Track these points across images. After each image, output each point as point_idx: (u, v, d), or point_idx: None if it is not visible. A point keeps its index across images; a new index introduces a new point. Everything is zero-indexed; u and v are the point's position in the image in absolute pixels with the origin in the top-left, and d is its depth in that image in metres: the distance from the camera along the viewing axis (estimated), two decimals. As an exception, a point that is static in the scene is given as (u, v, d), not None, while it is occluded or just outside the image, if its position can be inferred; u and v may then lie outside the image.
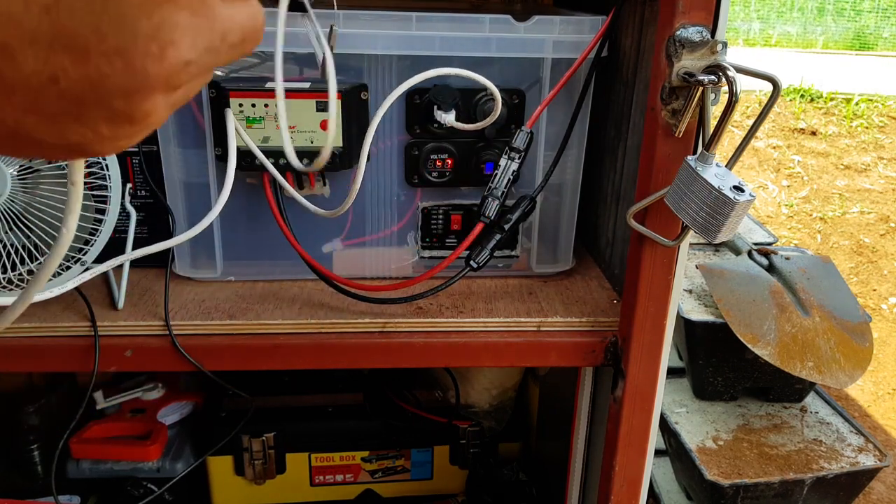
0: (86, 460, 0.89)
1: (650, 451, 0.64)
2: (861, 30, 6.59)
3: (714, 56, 0.49)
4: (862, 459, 0.99)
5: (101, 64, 0.22)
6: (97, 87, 0.22)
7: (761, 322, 0.94)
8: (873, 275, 2.61)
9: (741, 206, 0.46)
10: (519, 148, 0.63)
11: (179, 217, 0.66)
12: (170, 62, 0.23)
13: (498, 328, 0.63)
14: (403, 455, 0.98)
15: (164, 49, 0.22)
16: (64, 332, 0.60)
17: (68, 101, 0.22)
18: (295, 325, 0.61)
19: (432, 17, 0.60)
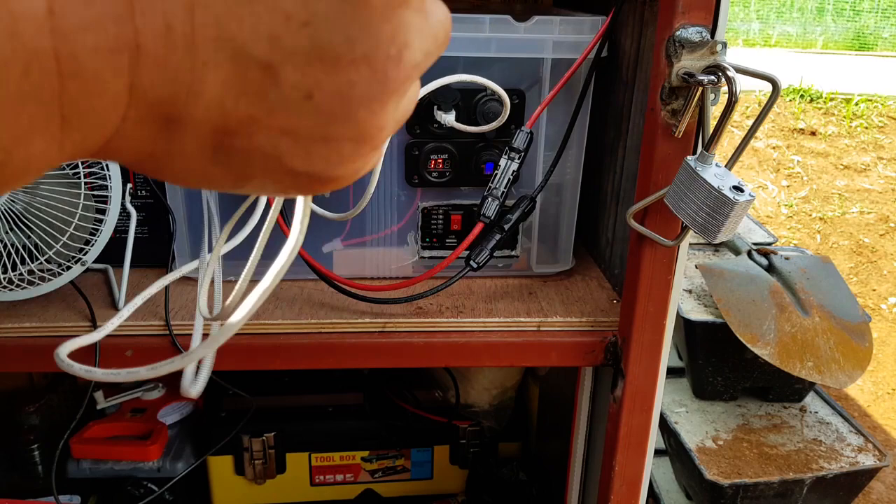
0: (86, 460, 0.89)
1: (650, 450, 0.64)
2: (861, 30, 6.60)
3: (714, 56, 0.49)
4: (861, 459, 0.99)
5: (350, 72, 0.22)
6: (346, 97, 0.22)
7: (761, 322, 0.94)
8: (873, 275, 2.61)
9: (741, 206, 0.46)
10: (519, 148, 0.63)
11: (180, 217, 0.66)
12: (405, 65, 0.23)
13: (498, 328, 0.63)
14: (403, 455, 0.98)
15: (401, 52, 0.22)
16: (64, 332, 0.60)
17: (320, 118, 0.22)
18: (295, 325, 0.61)
19: (432, 18, 0.60)
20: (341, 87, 0.22)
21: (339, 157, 0.24)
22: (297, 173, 0.24)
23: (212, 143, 0.22)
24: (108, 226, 0.62)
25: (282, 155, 0.23)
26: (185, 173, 0.24)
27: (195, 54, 0.20)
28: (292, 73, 0.21)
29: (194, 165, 0.23)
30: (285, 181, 0.24)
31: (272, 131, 0.22)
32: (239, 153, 0.23)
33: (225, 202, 0.66)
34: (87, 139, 0.21)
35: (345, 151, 0.24)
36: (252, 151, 0.23)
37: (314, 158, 0.23)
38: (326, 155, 0.23)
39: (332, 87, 0.22)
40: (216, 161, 0.23)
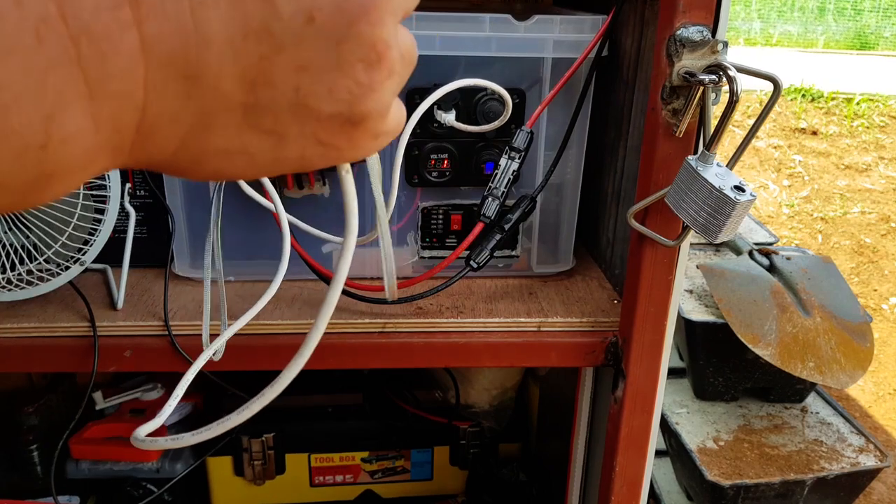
0: (85, 461, 0.89)
1: (651, 451, 0.64)
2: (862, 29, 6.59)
3: (715, 56, 0.48)
4: (863, 460, 0.99)
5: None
6: (344, 11, 0.23)
7: (762, 322, 0.94)
8: (874, 275, 2.60)
9: (742, 206, 0.46)
10: (519, 148, 0.62)
11: (179, 217, 0.66)
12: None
13: (498, 328, 0.62)
14: (403, 455, 0.98)
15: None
16: (63, 332, 0.60)
17: (327, 42, 0.23)
18: (295, 326, 0.61)
19: (432, 17, 0.59)
20: (338, 1, 0.22)
21: (358, 85, 0.24)
22: (329, 117, 0.24)
23: (239, 103, 0.23)
24: (106, 226, 0.62)
25: (306, 96, 0.23)
26: (226, 152, 0.24)
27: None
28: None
29: (231, 134, 0.23)
30: (320, 133, 0.24)
31: (288, 70, 0.23)
32: (266, 106, 0.23)
33: (226, 204, 0.66)
34: (120, 113, 0.21)
35: (362, 78, 0.24)
36: (277, 99, 0.23)
37: (337, 92, 0.24)
38: (346, 85, 0.24)
39: (330, 4, 0.22)
40: (248, 123, 0.23)
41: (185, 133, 0.23)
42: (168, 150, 0.23)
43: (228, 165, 0.25)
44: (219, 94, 0.22)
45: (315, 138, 0.25)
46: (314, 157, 0.25)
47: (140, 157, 0.23)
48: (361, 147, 0.26)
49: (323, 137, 0.25)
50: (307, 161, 0.26)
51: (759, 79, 0.46)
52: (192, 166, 0.24)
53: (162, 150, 0.23)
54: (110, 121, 0.20)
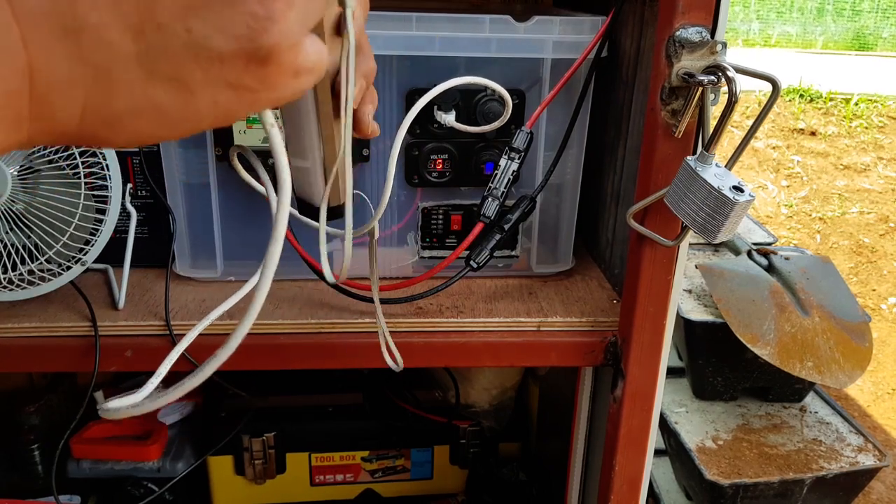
0: (86, 460, 0.89)
1: (650, 450, 0.64)
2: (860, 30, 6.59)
3: (714, 56, 0.49)
4: (861, 459, 0.99)
5: None
6: None
7: (761, 322, 0.94)
8: (873, 275, 2.61)
9: (741, 206, 0.46)
10: (519, 148, 0.63)
11: (179, 217, 0.66)
12: None
13: (498, 328, 0.63)
14: (403, 455, 0.98)
15: None
16: (64, 331, 0.60)
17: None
18: (295, 325, 0.61)
19: (432, 18, 0.60)
20: None
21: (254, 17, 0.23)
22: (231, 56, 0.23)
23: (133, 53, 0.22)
24: (108, 226, 0.62)
25: (200, 37, 0.22)
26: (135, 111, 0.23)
27: None
28: None
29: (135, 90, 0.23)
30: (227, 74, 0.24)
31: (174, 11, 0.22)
32: (160, 52, 0.22)
33: (226, 207, 0.66)
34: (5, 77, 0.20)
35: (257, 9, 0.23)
36: (170, 43, 0.22)
37: (232, 27, 0.23)
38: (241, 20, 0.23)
39: None
40: (148, 74, 0.23)
41: (86, 95, 0.22)
42: (74, 116, 0.23)
43: (142, 125, 0.24)
44: (108, 47, 0.22)
45: (224, 82, 0.24)
46: (229, 103, 0.24)
47: (46, 127, 0.22)
48: (279, 85, 0.25)
49: (231, 79, 0.24)
50: (222, 109, 0.25)
51: (757, 79, 0.46)
52: (106, 132, 0.24)
53: (68, 117, 0.23)
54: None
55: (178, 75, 0.23)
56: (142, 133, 0.24)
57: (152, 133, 0.24)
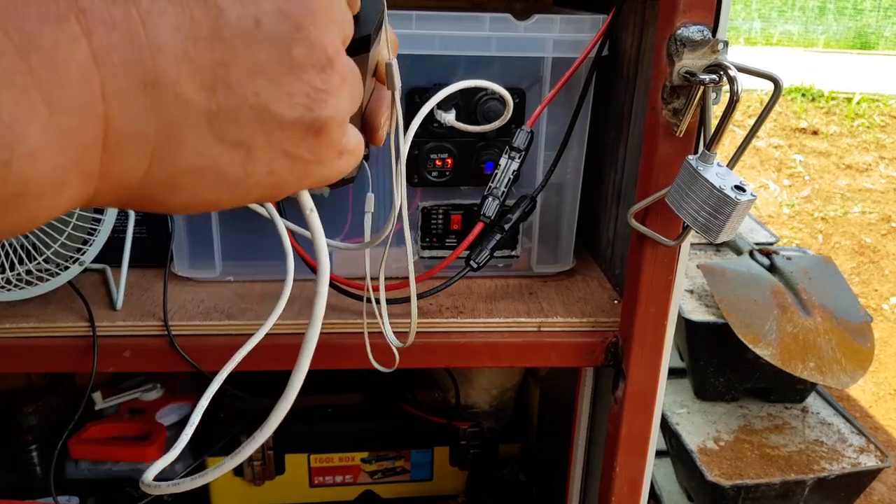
0: (85, 461, 0.88)
1: (651, 452, 0.64)
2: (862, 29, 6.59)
3: (715, 55, 0.48)
4: (863, 460, 0.99)
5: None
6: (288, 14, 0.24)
7: (762, 322, 0.94)
8: (874, 275, 2.60)
9: (742, 205, 0.46)
10: (519, 147, 0.62)
11: (178, 217, 0.66)
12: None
13: (498, 328, 0.62)
14: (403, 456, 0.98)
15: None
16: (62, 332, 0.60)
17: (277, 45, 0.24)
18: (294, 326, 0.61)
19: (432, 17, 0.59)
20: (280, 5, 0.23)
21: (314, 89, 0.25)
22: (291, 124, 0.25)
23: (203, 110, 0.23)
24: (106, 225, 0.62)
25: (266, 101, 0.24)
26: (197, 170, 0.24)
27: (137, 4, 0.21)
28: (233, 4, 0.22)
29: (200, 148, 0.23)
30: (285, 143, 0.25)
31: (245, 74, 0.23)
32: (229, 112, 0.23)
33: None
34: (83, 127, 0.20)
35: (316, 82, 0.25)
36: (239, 104, 0.23)
37: (294, 95, 0.24)
38: (303, 89, 0.24)
39: (273, 6, 0.23)
40: (215, 134, 0.23)
41: (153, 152, 0.23)
42: (139, 173, 0.23)
43: (201, 187, 0.25)
44: (181, 102, 0.22)
45: (282, 150, 0.25)
46: (282, 172, 0.26)
47: (112, 184, 0.23)
48: (326, 162, 0.27)
49: (288, 148, 0.25)
50: (275, 179, 0.26)
51: (759, 78, 0.46)
52: (166, 193, 0.24)
53: (133, 174, 0.23)
54: (74, 135, 0.20)
55: (243, 138, 0.24)
56: (198, 196, 0.25)
57: (208, 198, 0.25)
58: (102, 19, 0.20)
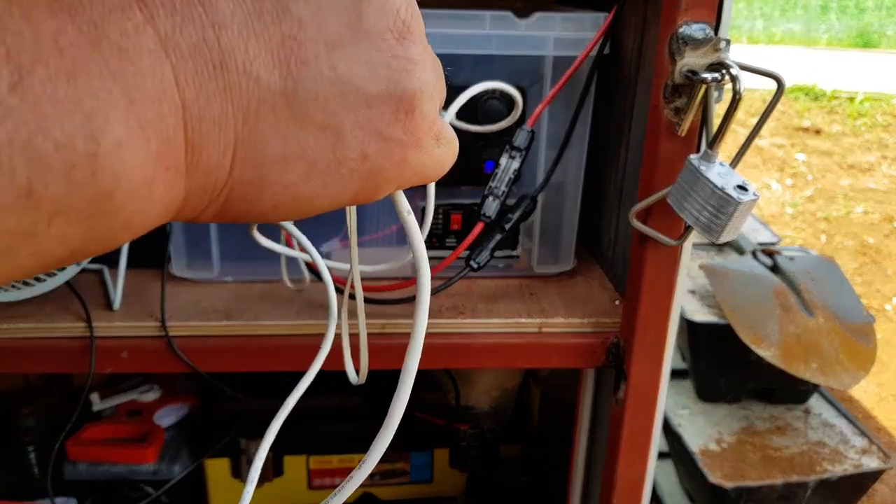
0: (82, 462, 0.88)
1: (652, 453, 0.63)
2: (865, 27, 6.58)
3: (717, 54, 0.48)
4: (866, 461, 0.98)
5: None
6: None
7: (765, 323, 0.93)
8: (877, 275, 2.60)
9: (745, 205, 0.45)
10: (520, 147, 0.62)
11: (176, 217, 0.65)
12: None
13: (499, 329, 0.62)
14: (403, 458, 0.97)
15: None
16: (60, 332, 0.60)
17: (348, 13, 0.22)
18: (293, 326, 0.61)
19: (431, 14, 0.59)
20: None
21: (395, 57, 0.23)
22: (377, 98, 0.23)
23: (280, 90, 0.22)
24: (102, 225, 0.61)
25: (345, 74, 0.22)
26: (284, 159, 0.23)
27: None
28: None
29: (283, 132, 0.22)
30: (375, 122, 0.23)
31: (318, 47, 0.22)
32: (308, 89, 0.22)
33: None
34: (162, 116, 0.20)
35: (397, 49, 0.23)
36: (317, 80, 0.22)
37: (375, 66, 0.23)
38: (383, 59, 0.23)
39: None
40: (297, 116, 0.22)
41: (235, 139, 0.22)
42: (224, 163, 0.22)
43: (292, 178, 0.23)
44: (253, 81, 0.21)
45: (373, 129, 0.23)
46: (377, 155, 0.24)
47: (200, 181, 0.22)
48: (424, 145, 0.25)
49: (381, 127, 0.23)
50: (372, 162, 0.24)
51: (761, 77, 0.46)
52: (254, 189, 0.23)
53: (218, 164, 0.22)
54: (154, 126, 0.19)
55: (327, 118, 0.22)
56: (291, 191, 0.23)
57: (302, 193, 0.23)
58: (162, 3, 0.20)
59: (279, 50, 0.21)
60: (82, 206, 0.18)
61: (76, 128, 0.18)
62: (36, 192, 0.17)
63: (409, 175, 0.26)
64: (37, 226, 0.18)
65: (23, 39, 0.17)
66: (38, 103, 0.17)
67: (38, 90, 0.17)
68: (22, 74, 0.17)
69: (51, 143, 0.17)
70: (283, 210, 0.24)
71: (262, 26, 0.21)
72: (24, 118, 0.17)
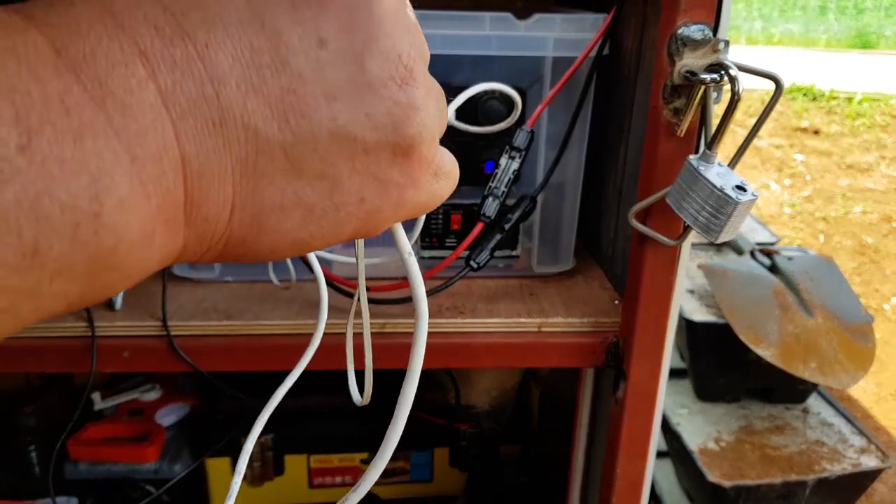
0: (83, 462, 0.88)
1: (652, 452, 0.64)
2: (863, 28, 6.59)
3: (716, 54, 0.48)
4: (864, 460, 0.98)
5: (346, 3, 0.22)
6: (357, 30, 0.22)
7: (764, 323, 0.94)
8: (876, 275, 2.60)
9: (743, 205, 0.46)
10: (520, 147, 0.62)
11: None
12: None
13: (498, 329, 0.62)
14: (403, 457, 0.98)
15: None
16: (61, 332, 0.60)
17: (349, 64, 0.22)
18: (294, 326, 0.61)
19: (432, 15, 0.59)
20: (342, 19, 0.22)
21: (397, 104, 0.23)
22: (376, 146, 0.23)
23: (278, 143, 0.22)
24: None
25: (345, 125, 0.22)
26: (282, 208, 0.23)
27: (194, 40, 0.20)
28: (292, 26, 0.21)
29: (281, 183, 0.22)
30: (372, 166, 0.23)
31: (318, 100, 0.22)
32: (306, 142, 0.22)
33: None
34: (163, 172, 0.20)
35: (399, 96, 0.23)
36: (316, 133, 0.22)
37: (376, 115, 0.23)
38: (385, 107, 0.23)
39: (336, 21, 0.22)
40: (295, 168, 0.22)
41: (234, 191, 0.22)
42: (223, 214, 0.22)
43: (288, 225, 0.23)
44: (252, 135, 0.21)
45: (370, 175, 0.24)
46: (375, 197, 0.24)
47: (199, 231, 0.22)
48: (421, 184, 0.26)
49: (377, 172, 0.24)
50: (369, 204, 0.24)
51: (760, 78, 0.46)
52: (253, 234, 0.23)
53: (217, 215, 0.22)
54: (155, 182, 0.20)
55: (325, 168, 0.23)
56: (288, 237, 0.24)
57: (299, 237, 0.24)
58: (164, 59, 0.20)
59: (278, 104, 0.21)
60: (84, 264, 0.19)
61: (82, 188, 0.18)
62: (41, 252, 0.17)
63: (407, 212, 0.26)
64: (40, 284, 0.18)
65: (31, 100, 0.17)
66: (46, 164, 0.17)
67: (46, 151, 0.17)
68: (31, 136, 0.17)
69: (57, 204, 0.17)
70: (281, 252, 0.24)
71: (261, 80, 0.21)
72: (31, 179, 0.17)
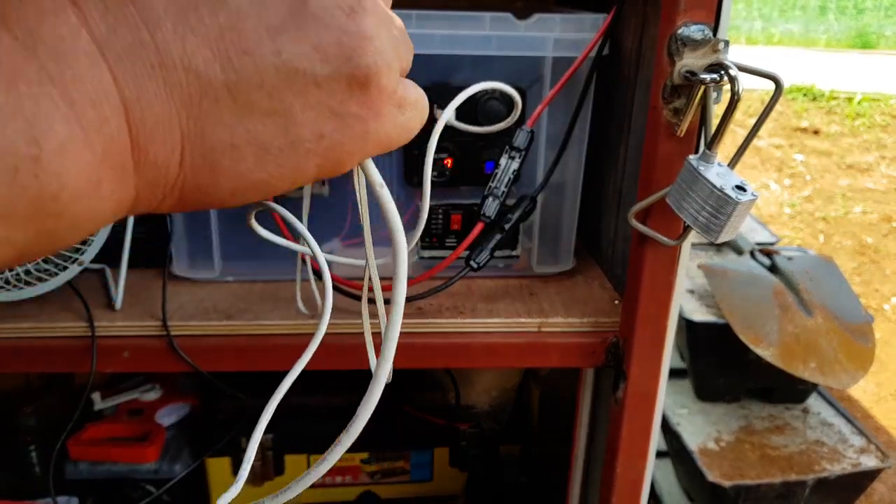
0: (84, 461, 0.88)
1: (652, 452, 0.64)
2: (863, 28, 6.59)
3: (716, 54, 0.48)
4: (864, 460, 0.99)
5: None
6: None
7: (763, 323, 0.94)
8: (876, 275, 2.60)
9: (743, 205, 0.46)
10: (519, 147, 0.62)
11: (177, 217, 0.66)
12: None
13: (498, 329, 0.62)
14: (403, 457, 0.98)
15: None
16: (61, 332, 0.60)
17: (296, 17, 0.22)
18: (294, 326, 0.61)
19: (432, 16, 0.59)
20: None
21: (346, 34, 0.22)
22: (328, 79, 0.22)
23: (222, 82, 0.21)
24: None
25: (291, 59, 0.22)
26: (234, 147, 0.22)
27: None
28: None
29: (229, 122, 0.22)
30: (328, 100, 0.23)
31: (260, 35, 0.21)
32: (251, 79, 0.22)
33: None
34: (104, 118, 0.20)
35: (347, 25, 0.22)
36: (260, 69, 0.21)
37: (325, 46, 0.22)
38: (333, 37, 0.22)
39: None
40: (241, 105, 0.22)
41: (182, 134, 0.21)
42: (174, 160, 0.22)
43: (244, 164, 0.23)
44: (195, 77, 0.21)
45: (327, 109, 0.23)
46: (335, 132, 0.23)
47: (150, 177, 0.21)
48: (385, 116, 0.25)
49: (334, 105, 0.23)
50: (330, 143, 0.23)
51: (760, 78, 0.46)
52: (208, 176, 0.23)
53: (167, 160, 0.22)
54: (96, 129, 0.20)
55: (274, 105, 0.22)
56: (246, 178, 0.23)
57: (258, 178, 0.23)
58: (95, 6, 0.19)
59: (218, 43, 0.21)
60: (26, 209, 0.18)
61: (18, 132, 0.18)
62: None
63: (373, 146, 0.25)
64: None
65: None
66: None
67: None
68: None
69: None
70: (242, 195, 0.24)
71: (198, 20, 0.21)
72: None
